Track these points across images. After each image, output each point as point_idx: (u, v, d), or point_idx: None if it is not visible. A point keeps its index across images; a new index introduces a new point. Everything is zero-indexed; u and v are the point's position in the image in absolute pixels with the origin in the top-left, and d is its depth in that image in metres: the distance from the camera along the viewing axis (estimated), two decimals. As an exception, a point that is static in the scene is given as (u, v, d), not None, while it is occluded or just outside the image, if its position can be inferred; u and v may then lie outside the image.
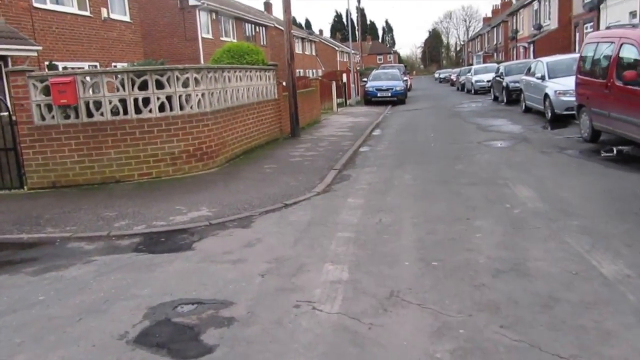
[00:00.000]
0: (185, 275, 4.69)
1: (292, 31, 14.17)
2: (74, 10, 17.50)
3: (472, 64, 66.06)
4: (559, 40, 36.69)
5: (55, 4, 16.72)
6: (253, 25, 36.06)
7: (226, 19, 31.33)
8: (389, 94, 27.64)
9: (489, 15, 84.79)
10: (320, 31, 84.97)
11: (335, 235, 5.66)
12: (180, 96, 9.27)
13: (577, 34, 33.36)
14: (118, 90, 8.84)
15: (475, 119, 16.94)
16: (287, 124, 14.86)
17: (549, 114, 14.53)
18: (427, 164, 9.76)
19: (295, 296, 4.06)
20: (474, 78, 32.51)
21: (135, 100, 8.92)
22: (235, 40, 27.54)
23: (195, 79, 9.52)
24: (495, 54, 63.74)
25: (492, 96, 25.26)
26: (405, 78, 31.41)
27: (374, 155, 11.33)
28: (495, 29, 65.34)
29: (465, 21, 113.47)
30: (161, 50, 27.53)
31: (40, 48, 14.86)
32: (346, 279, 4.35)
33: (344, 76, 28.40)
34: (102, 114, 8.78)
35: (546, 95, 14.90)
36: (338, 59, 69.48)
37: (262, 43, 37.92)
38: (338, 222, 6.18)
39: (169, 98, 9.17)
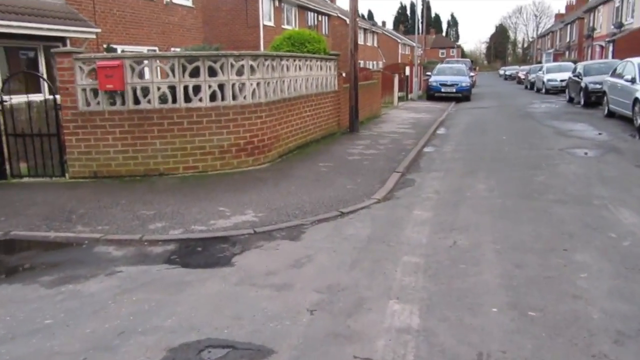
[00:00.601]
0: (218, 301, 3.90)
1: (357, 19, 13.21)
2: (136, -8, 17.17)
3: (540, 62, 62.96)
4: (644, 40, 33.87)
5: (116, -15, 16.42)
6: (316, 14, 35.23)
7: (289, 6, 30.63)
8: (454, 90, 26.21)
9: (562, 11, 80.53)
10: (383, 23, 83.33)
11: (401, 259, 4.73)
12: (233, 85, 8.54)
13: (665, 33, 30.57)
14: (168, 76, 8.19)
15: (551, 122, 15.46)
16: (346, 117, 13.95)
17: (639, 121, 12.95)
18: (502, 172, 8.63)
19: (351, 349, 3.18)
20: (546, 77, 30.46)
21: (186, 87, 8.24)
22: (297, 29, 26.82)
23: (251, 66, 8.76)
24: (567, 53, 60.32)
25: (567, 97, 23.38)
26: (471, 74, 29.77)
27: (440, 158, 10.26)
28: (568, 26, 61.77)
29: (536, 17, 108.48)
30: (222, 36, 27.18)
31: (99, 30, 14.56)
32: (417, 327, 3.43)
33: (407, 69, 27.16)
34: (149, 102, 8.17)
35: (636, 100, 13.30)
36: (400, 51, 67.78)
37: (324, 32, 37.07)
38: (403, 241, 5.24)
39: (221, 86, 8.46)
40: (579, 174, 8.23)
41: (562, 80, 29.03)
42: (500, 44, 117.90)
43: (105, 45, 15.11)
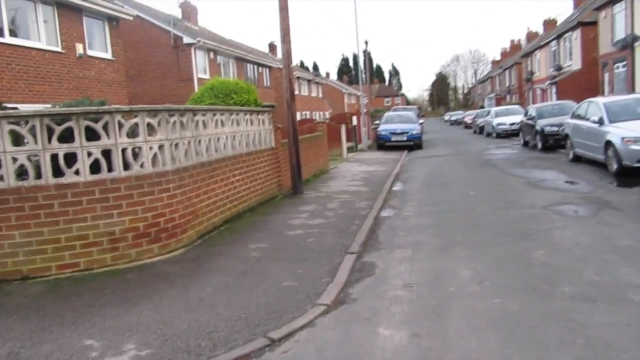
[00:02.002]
0: None
1: (291, 65, 11.41)
2: (41, 45, 14.91)
3: (483, 107, 63.85)
4: (584, 81, 34.10)
5: (16, 37, 14.13)
6: (255, 66, 33.73)
7: (225, 58, 28.96)
8: (404, 138, 24.85)
9: (497, 58, 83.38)
10: (327, 74, 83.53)
11: None
12: (124, 150, 6.35)
13: (607, 74, 30.68)
14: (27, 142, 5.91)
15: (516, 170, 13.92)
16: (288, 177, 11.93)
17: (615, 166, 11.52)
18: (485, 246, 6.69)
19: None
20: (495, 121, 29.77)
21: (54, 157, 5.99)
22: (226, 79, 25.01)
23: (149, 125, 6.62)
24: (508, 96, 61.51)
25: (522, 141, 22.34)
26: (420, 121, 28.66)
27: (403, 226, 8.27)
28: (507, 71, 63.32)
29: (473, 64, 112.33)
30: (153, 91, 25.09)
31: (-14, 87, 12.15)
32: None
33: (354, 119, 25.69)
34: (1, 178, 5.84)
35: (608, 143, 11.92)
36: (346, 101, 67.37)
37: (265, 84, 35.58)
38: (369, 409, 3.09)
39: (106, 153, 6.24)
40: (583, 244, 6.37)
41: (511, 124, 28.40)
42: (441, 91, 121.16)
43: (-3, 105, 12.68)
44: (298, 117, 35.04)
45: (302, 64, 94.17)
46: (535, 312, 4.38)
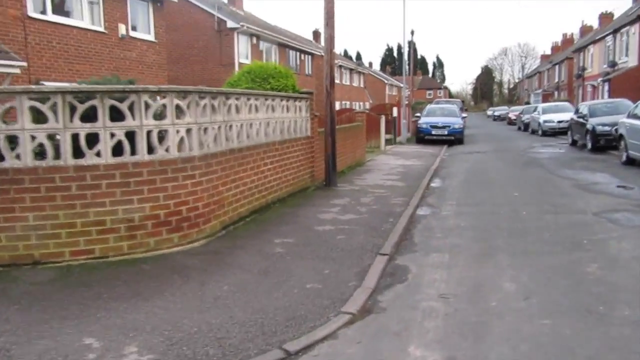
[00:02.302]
0: None
1: (333, 50, 10.90)
2: (84, 24, 14.85)
3: (529, 103, 61.79)
4: (640, 79, 32.33)
5: (59, 15, 14.08)
6: (298, 53, 33.30)
7: (268, 44, 28.63)
8: (445, 132, 24.04)
9: (548, 52, 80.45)
10: (370, 64, 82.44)
11: None
12: (149, 132, 6.01)
13: (666, 72, 28.90)
14: (47, 121, 5.63)
15: (564, 171, 13.08)
16: (322, 168, 11.48)
17: (675, 172, 10.64)
18: (531, 255, 6.09)
19: None
20: (542, 118, 28.53)
21: (75, 137, 5.70)
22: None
23: (178, 107, 6.27)
24: (556, 93, 59.27)
25: (570, 140, 21.26)
26: (463, 115, 27.72)
27: (440, 227, 7.72)
28: (557, 66, 60.97)
29: (522, 58, 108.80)
30: (194, 75, 24.99)
31: (24, 64, 12.10)
32: None
33: (394, 110, 24.99)
34: (18, 157, 5.59)
35: (669, 146, 11.03)
36: (387, 92, 66.39)
37: (307, 72, 35.15)
38: None
39: (130, 135, 5.92)
40: (643, 259, 5.72)
41: (559, 122, 27.20)
42: (486, 85, 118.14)
43: (34, 82, 12.67)
44: (337, 106, 34.48)
45: (345, 52, 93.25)
46: (591, 340, 3.82)
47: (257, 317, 4.31)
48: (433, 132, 24.11)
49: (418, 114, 28.73)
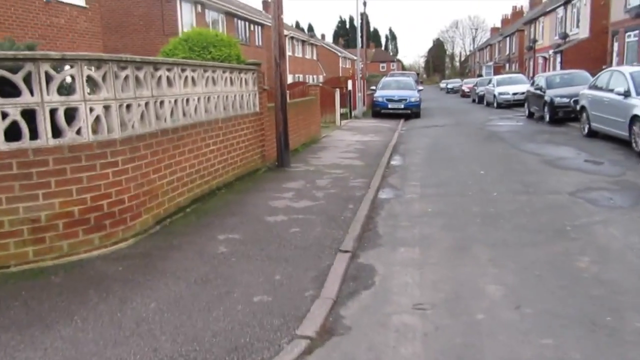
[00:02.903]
0: None
1: (282, 16, 9.79)
2: (1, -14, 13.11)
3: (480, 75, 62.12)
4: (591, 50, 32.63)
5: (-31, -25, 12.34)
6: (247, 23, 31.72)
7: (215, 13, 27.01)
8: (402, 106, 23.34)
9: (498, 25, 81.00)
10: (323, 36, 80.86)
11: None
12: (53, 111, 4.86)
13: (616, 44, 29.07)
14: None
15: (527, 145, 12.55)
16: (274, 146, 10.49)
17: (640, 145, 10.23)
18: (512, 246, 5.35)
19: None
20: (497, 90, 28.23)
21: (-46, 117, 4.50)
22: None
23: (91, 79, 5.12)
24: (507, 65, 59.76)
25: (527, 112, 20.93)
26: (420, 88, 27.08)
27: (406, 213, 6.91)
28: (507, 38, 61.36)
29: (472, 31, 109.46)
30: (134, 45, 23.19)
31: None
32: None
33: (349, 83, 24.05)
34: None
35: (635, 118, 10.58)
36: (340, 65, 65.33)
37: (257, 44, 33.63)
38: None
39: (29, 115, 4.76)
40: (638, 248, 5.05)
41: (514, 94, 27.02)
42: (438, 58, 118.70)
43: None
44: (289, 80, 33.30)
45: (297, 24, 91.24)
46: (609, 368, 3.07)
47: (189, 349, 3.36)
48: (389, 106, 23.37)
49: (373, 87, 27.91)
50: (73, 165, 4.98)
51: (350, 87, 23.82)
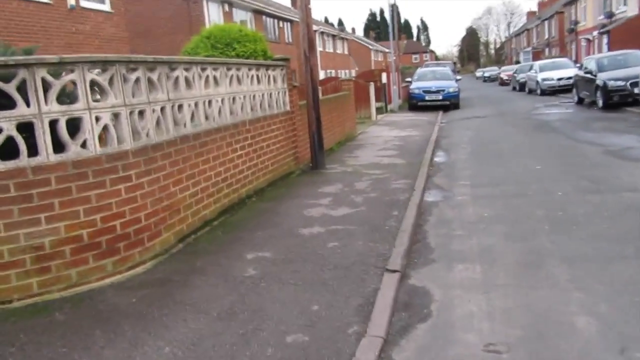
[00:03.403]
0: None
1: (309, 6, 9.04)
2: (24, -6, 12.83)
3: (518, 61, 59.98)
4: (644, 28, 30.59)
5: (-8, -15, 12.06)
6: (276, 20, 31.12)
7: (242, 12, 26.50)
8: (440, 97, 22.29)
9: (534, 9, 78.26)
10: (353, 30, 79.73)
11: None
12: (53, 123, 4.26)
13: (671, 19, 27.15)
14: None
15: (583, 135, 11.47)
16: (307, 147, 9.79)
17: None
18: (597, 262, 4.45)
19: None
20: (540, 76, 26.79)
21: (-61, 135, 3.94)
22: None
23: (95, 84, 4.51)
24: (547, 50, 57.41)
25: (575, 98, 19.58)
26: (457, 77, 25.92)
27: (458, 219, 6.08)
28: (546, 22, 58.93)
29: (507, 16, 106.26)
30: (163, 48, 22.76)
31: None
32: None
33: (383, 76, 23.13)
34: None
35: None
36: (372, 58, 64.17)
37: (287, 40, 33.00)
38: None
39: (25, 128, 4.16)
40: None
41: (559, 79, 25.60)
42: (472, 46, 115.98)
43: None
44: (322, 76, 32.56)
45: (326, 20, 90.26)
46: None
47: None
48: (427, 98, 22.35)
49: (409, 79, 26.90)
50: (79, 183, 4.37)
51: (384, 80, 22.90)
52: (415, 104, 22.76)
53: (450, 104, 22.31)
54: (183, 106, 5.74)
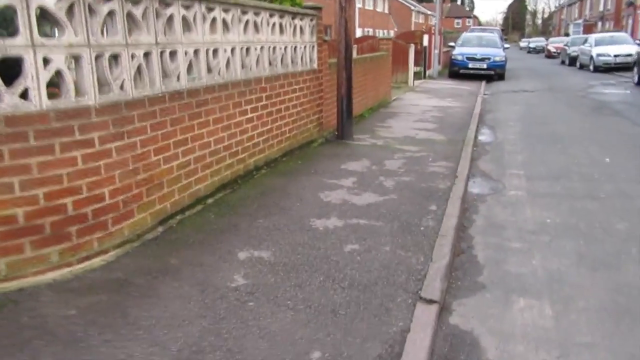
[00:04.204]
0: None
1: (351, -56, 7.59)
2: None
3: (567, 34, 56.62)
4: None
5: None
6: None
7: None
8: (484, 66, 20.56)
9: (590, -23, 73.44)
10: (396, -12, 76.25)
11: None
12: (-22, 61, 3.09)
13: None
14: None
15: (654, 123, 9.91)
16: (334, 112, 8.53)
17: None
18: None
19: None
20: (595, 51, 24.65)
21: None
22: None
23: (45, 12, 3.30)
24: (600, 23, 53.90)
25: (636, 78, 17.68)
26: (506, 45, 23.94)
27: (513, 225, 4.81)
28: (602, -8, 55.08)
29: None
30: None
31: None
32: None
33: (425, 38, 21.37)
34: None
35: None
36: (413, 20, 61.37)
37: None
38: None
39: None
40: None
41: (616, 55, 23.52)
42: (518, 15, 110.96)
43: None
44: (359, 34, 30.72)
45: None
46: None
47: None
48: (470, 65, 20.64)
49: (452, 44, 25.02)
50: (14, 147, 3.23)
51: (425, 42, 21.15)
52: (456, 71, 21.08)
53: (495, 74, 20.60)
54: (177, 54, 4.50)
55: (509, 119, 11.11)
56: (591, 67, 24.75)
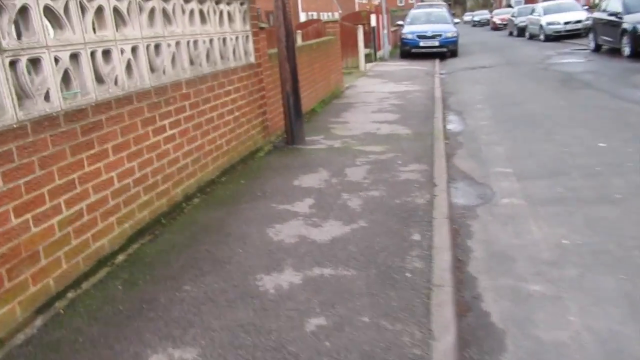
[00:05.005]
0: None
1: None
2: None
3: (510, 5, 56.66)
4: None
5: None
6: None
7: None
8: (436, 43, 19.62)
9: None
10: (336, -31, 74.85)
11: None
12: None
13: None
14: None
15: (632, 93, 9.05)
16: (279, 112, 7.26)
17: None
18: None
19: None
20: (544, 20, 24.08)
21: None
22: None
23: None
24: (541, -8, 54.05)
25: (593, 44, 17.04)
26: (456, 20, 23.06)
27: (522, 253, 3.67)
28: (542, -39, 55.33)
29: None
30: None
31: None
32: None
33: (372, 18, 20.20)
34: None
35: None
36: (357, 0, 60.16)
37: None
38: None
39: None
40: None
41: (565, 23, 23.01)
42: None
43: None
44: (302, 18, 29.29)
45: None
46: None
47: None
48: (421, 44, 19.64)
49: (400, 22, 23.99)
50: None
51: (374, 23, 19.99)
52: (407, 50, 20.07)
53: (447, 50, 19.72)
54: (42, 61, 3.12)
55: (474, 100, 10.07)
56: (542, 37, 24.19)
